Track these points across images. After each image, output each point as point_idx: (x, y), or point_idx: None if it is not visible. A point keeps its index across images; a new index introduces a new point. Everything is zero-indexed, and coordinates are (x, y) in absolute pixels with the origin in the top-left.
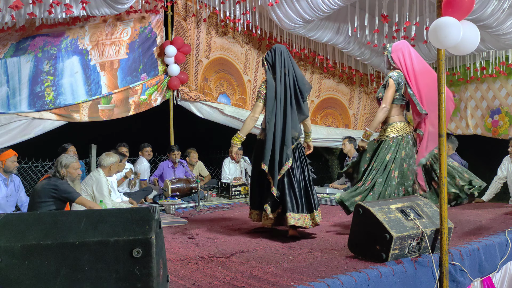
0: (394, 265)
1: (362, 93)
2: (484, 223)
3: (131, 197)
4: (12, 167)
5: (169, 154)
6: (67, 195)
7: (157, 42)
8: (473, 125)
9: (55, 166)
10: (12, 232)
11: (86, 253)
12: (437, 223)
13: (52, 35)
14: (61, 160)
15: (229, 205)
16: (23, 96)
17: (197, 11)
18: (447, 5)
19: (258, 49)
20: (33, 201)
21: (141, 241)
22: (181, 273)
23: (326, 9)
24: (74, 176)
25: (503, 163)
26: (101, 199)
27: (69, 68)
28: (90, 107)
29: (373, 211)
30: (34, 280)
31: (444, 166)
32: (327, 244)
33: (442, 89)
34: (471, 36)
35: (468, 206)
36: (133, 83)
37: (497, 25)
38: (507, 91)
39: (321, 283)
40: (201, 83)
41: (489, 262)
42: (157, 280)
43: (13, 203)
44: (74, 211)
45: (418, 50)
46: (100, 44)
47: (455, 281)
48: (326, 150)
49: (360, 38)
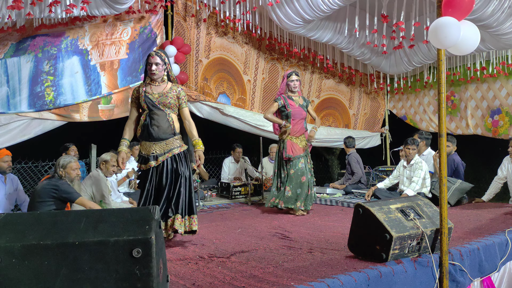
0: (394, 265)
1: (362, 93)
2: (484, 223)
3: (131, 197)
4: (5, 167)
5: None
6: (67, 196)
7: (157, 42)
8: (473, 125)
9: (55, 167)
10: (12, 232)
11: (86, 253)
12: (437, 223)
13: (52, 35)
14: (59, 161)
15: (229, 205)
16: (23, 96)
17: (197, 11)
18: (447, 5)
19: (258, 49)
20: (33, 201)
21: (141, 241)
22: (181, 273)
23: (326, 9)
24: (72, 176)
25: (503, 163)
26: (101, 199)
27: (69, 68)
28: (90, 107)
29: (373, 211)
30: (34, 280)
31: (444, 166)
32: (327, 244)
33: (442, 89)
34: (471, 36)
35: (468, 206)
36: (133, 83)
37: (497, 25)
38: (507, 91)
39: (321, 283)
40: (201, 83)
41: (489, 262)
42: (157, 280)
43: (12, 201)
44: (74, 211)
45: (418, 50)
46: (100, 44)
47: (455, 281)
48: (326, 150)
49: (360, 38)
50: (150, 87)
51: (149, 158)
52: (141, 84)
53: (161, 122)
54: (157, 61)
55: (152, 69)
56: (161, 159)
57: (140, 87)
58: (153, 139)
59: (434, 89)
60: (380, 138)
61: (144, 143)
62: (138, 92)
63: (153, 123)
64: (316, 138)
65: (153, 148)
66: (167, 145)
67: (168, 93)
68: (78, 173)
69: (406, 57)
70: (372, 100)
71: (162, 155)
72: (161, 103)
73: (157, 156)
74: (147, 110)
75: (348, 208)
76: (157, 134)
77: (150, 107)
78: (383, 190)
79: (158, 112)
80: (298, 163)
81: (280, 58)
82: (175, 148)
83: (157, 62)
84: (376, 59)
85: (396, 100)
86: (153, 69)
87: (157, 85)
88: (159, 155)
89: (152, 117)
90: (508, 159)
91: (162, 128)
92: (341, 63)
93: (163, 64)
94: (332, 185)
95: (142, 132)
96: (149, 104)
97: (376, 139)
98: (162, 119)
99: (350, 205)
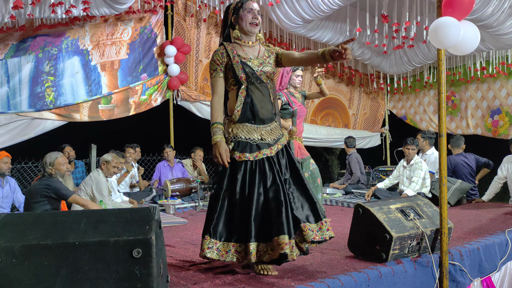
0: (394, 265)
1: (362, 93)
2: (484, 223)
3: (131, 197)
4: (4, 168)
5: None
6: (60, 193)
7: (157, 42)
8: (474, 125)
9: (42, 167)
10: (12, 232)
11: (86, 253)
12: (437, 223)
13: (52, 35)
14: (45, 160)
15: None
16: (23, 96)
17: (197, 11)
18: (447, 5)
19: None
20: (28, 202)
21: (141, 241)
22: (181, 273)
23: (326, 9)
24: (63, 171)
25: (503, 163)
26: (100, 199)
27: (70, 68)
28: (90, 107)
29: (373, 211)
30: (34, 280)
31: (444, 166)
32: (327, 244)
33: (442, 89)
34: (471, 36)
35: (468, 206)
36: (133, 83)
37: (497, 25)
38: (507, 91)
39: (321, 283)
40: (201, 83)
41: (489, 262)
42: (157, 280)
43: (8, 204)
44: (74, 211)
45: (418, 50)
46: (101, 44)
47: (455, 281)
48: (326, 150)
49: (360, 38)
50: (240, 48)
51: (253, 146)
52: (223, 44)
53: (265, 98)
54: (258, 9)
55: (256, 18)
56: (274, 149)
57: (227, 48)
58: (259, 122)
59: (434, 89)
60: (380, 138)
61: (243, 126)
62: (226, 56)
63: (256, 100)
64: (316, 138)
65: (259, 133)
66: (272, 132)
67: (266, 58)
68: (68, 167)
69: (406, 57)
70: (372, 100)
71: (273, 145)
72: (263, 73)
73: (269, 144)
74: (246, 83)
75: (348, 208)
76: (263, 114)
77: (251, 79)
78: (383, 190)
79: (260, 86)
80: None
81: None
82: (281, 137)
83: (258, 10)
84: (376, 59)
85: (396, 100)
86: (258, 19)
87: (250, 45)
88: (270, 144)
89: (253, 93)
90: (508, 158)
91: (266, 107)
92: (341, 63)
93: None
94: (332, 185)
95: (244, 113)
96: (250, 74)
97: (376, 139)
98: (265, 95)
99: (350, 205)
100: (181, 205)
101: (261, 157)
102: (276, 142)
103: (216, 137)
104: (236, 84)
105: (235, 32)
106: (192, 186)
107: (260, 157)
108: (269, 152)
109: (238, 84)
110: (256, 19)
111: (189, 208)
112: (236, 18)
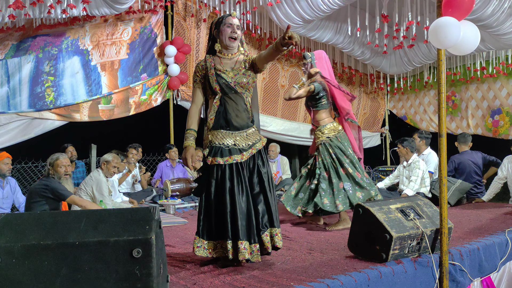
0: (394, 265)
1: (362, 93)
2: (484, 223)
3: (131, 197)
4: (5, 169)
5: (167, 153)
6: (58, 193)
7: (157, 42)
8: (474, 125)
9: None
10: (12, 232)
11: (86, 253)
12: (437, 223)
13: (52, 35)
14: (49, 159)
15: None
16: (23, 96)
17: (197, 11)
18: (447, 5)
19: (257, 49)
20: (28, 202)
21: (141, 241)
22: (181, 273)
23: (326, 9)
24: (60, 173)
25: (504, 163)
26: (101, 199)
27: (70, 68)
28: (90, 107)
29: (373, 211)
30: (34, 280)
31: (444, 166)
32: (327, 244)
33: (442, 89)
34: (471, 36)
35: (468, 206)
36: (134, 83)
37: (497, 25)
38: (508, 91)
39: (321, 283)
40: None
41: (489, 262)
42: (157, 280)
43: (9, 205)
44: (74, 211)
45: (418, 50)
46: (101, 44)
47: (455, 281)
48: None
49: (360, 38)
50: (219, 60)
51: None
52: (205, 57)
53: (239, 107)
54: (238, 24)
55: (235, 32)
56: (247, 154)
57: (207, 61)
58: (233, 128)
59: (434, 89)
60: (380, 138)
61: (217, 132)
62: (205, 68)
63: (229, 109)
64: None
65: (233, 139)
66: (248, 137)
67: (242, 69)
68: (67, 169)
69: (406, 57)
70: (372, 100)
71: (247, 150)
72: (238, 84)
73: (241, 149)
74: (220, 93)
75: None
76: (237, 122)
77: (224, 89)
78: (383, 190)
79: (233, 96)
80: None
81: (280, 58)
82: (257, 142)
83: (238, 25)
84: (376, 59)
85: (396, 100)
86: (236, 33)
87: (229, 58)
88: (243, 149)
89: (227, 102)
90: (508, 158)
91: (240, 116)
92: (341, 63)
93: (241, 29)
94: None
95: (217, 121)
96: (223, 85)
97: (376, 139)
98: (239, 104)
99: None
100: (181, 205)
101: (231, 162)
102: (251, 147)
103: (186, 142)
104: (212, 94)
105: (217, 46)
106: (192, 186)
107: (231, 162)
108: (240, 158)
109: (214, 94)
110: (235, 33)
111: (189, 208)
112: (217, 33)
